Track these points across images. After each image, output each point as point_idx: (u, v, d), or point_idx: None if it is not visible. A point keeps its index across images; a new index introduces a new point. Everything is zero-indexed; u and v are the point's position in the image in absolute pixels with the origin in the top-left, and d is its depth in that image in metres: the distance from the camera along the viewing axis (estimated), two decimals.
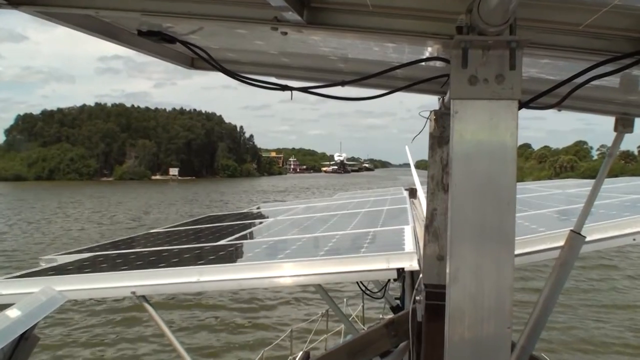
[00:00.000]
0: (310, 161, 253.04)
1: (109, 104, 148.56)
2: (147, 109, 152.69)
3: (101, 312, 16.91)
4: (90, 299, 14.13)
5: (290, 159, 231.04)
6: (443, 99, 3.05)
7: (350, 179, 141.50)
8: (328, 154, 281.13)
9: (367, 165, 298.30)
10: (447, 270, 1.76)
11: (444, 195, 3.08)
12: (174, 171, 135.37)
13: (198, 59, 2.83)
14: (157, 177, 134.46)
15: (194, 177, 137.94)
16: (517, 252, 1.85)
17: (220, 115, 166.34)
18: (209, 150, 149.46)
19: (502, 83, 1.70)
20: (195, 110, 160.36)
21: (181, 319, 16.22)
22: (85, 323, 16.13)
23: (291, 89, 2.42)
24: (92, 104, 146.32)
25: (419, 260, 3.39)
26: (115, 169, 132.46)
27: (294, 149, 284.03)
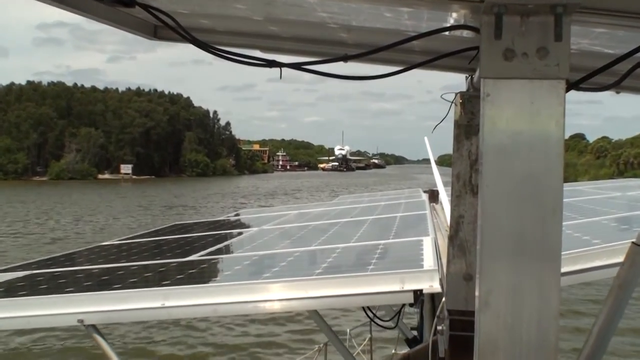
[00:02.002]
0: (304, 156, 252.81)
1: (45, 83, 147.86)
2: (94, 88, 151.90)
3: (37, 342, 16.89)
4: (25, 329, 14.11)
5: (279, 153, 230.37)
6: (471, 78, 3.08)
7: (355, 178, 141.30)
8: (327, 147, 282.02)
9: (376, 161, 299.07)
10: (477, 293, 1.78)
11: (472, 198, 3.12)
12: (126, 169, 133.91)
13: (163, 27, 2.84)
14: (106, 176, 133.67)
15: (153, 177, 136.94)
16: (564, 269, 1.89)
17: (188, 97, 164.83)
18: (173, 141, 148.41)
19: (546, 58, 1.72)
20: (155, 90, 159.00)
21: (137, 340, 16.28)
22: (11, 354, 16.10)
23: (280, 65, 2.43)
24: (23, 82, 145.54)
25: (441, 281, 3.42)
26: (51, 166, 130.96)
27: (283, 140, 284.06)
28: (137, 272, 4.73)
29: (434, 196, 10.99)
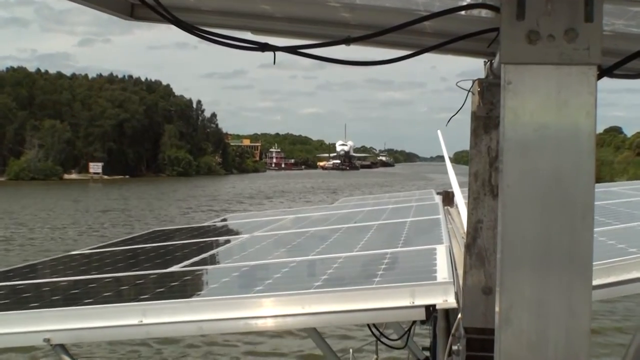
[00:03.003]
0: (301, 152, 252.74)
1: (4, 68, 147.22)
2: (60, 75, 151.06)
3: None
4: None
5: (272, 150, 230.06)
6: (491, 64, 3.07)
7: (359, 177, 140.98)
8: (327, 142, 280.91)
9: (383, 158, 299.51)
10: (497, 309, 1.79)
11: (492, 201, 3.12)
12: (96, 167, 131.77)
13: (140, 6, 2.85)
14: (73, 175, 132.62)
15: (127, 176, 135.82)
16: (596, 282, 1.89)
17: (168, 85, 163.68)
18: (151, 136, 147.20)
19: (575, 41, 1.73)
20: (130, 77, 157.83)
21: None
22: None
23: (274, 48, 2.43)
24: None
25: (456, 295, 3.44)
26: (10, 164, 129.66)
27: (278, 135, 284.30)
28: (110, 285, 4.74)
29: (448, 198, 11.00)
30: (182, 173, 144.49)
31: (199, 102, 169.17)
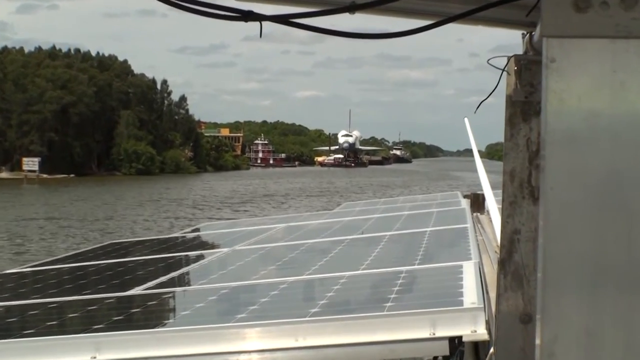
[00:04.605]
0: (294, 145, 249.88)
1: None
2: None
3: None
4: None
5: (258, 141, 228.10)
6: (530, 37, 3.08)
7: (367, 176, 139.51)
8: (327, 132, 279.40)
9: (398, 152, 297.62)
10: (538, 341, 1.79)
11: (532, 206, 3.12)
12: (32, 163, 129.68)
13: None
14: (2, 174, 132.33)
15: (72, 175, 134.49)
16: None
17: (125, 61, 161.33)
18: (103, 124, 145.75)
19: (634, 9, 1.75)
20: (78, 51, 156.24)
21: None
22: None
23: (260, 17, 2.44)
24: None
25: (488, 324, 3.45)
26: None
27: (265, 123, 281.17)
28: (56, 312, 4.71)
29: (478, 203, 11.06)
30: (142, 171, 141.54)
31: (164, 82, 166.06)
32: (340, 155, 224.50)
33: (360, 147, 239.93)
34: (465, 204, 11.25)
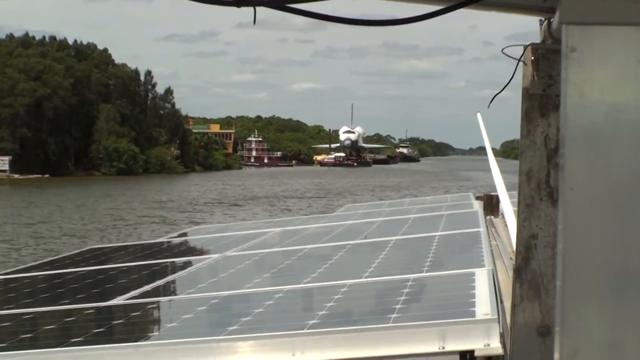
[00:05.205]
0: (291, 142, 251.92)
1: None
2: None
3: None
4: None
5: (251, 138, 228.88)
6: (549, 24, 3.02)
7: (371, 177, 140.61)
8: (327, 128, 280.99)
9: (405, 150, 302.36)
10: (557, 355, 1.80)
11: (550, 209, 3.11)
12: (1, 162, 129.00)
13: None
14: None
15: (47, 175, 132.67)
16: None
17: (106, 50, 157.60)
18: (81, 120, 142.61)
19: None
20: (54, 39, 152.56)
21: None
22: None
23: (254, 2, 2.40)
24: None
25: (502, 336, 3.43)
26: None
27: (260, 118, 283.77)
28: (30, 324, 4.74)
29: (491, 205, 11.42)
30: (124, 171, 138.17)
31: (148, 72, 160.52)
32: (342, 154, 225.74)
33: (363, 144, 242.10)
34: (477, 206, 11.43)
